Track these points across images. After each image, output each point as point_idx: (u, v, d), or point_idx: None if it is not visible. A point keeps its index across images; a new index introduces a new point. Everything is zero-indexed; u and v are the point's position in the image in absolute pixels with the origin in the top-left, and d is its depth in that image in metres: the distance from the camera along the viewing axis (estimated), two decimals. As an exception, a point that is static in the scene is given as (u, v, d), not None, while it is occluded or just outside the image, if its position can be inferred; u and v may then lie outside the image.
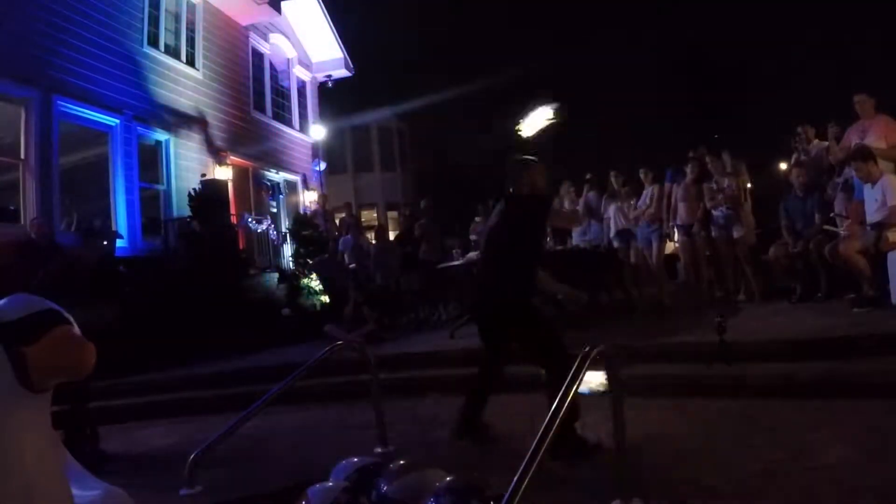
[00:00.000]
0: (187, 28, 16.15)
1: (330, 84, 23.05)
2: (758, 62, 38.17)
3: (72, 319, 2.23)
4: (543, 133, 6.34)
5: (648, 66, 39.69)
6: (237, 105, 17.86)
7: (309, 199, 21.01)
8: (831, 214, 9.34)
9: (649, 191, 11.71)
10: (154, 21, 14.98)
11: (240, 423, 5.24)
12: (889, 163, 8.66)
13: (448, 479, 3.83)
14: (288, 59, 21.21)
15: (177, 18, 15.93)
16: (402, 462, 4.27)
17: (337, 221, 19.55)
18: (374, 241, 16.33)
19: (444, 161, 34.92)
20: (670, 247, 12.96)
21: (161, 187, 15.02)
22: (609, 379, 4.09)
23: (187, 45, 16.12)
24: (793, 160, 10.75)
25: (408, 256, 14.32)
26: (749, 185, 11.22)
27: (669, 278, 12.28)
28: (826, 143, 10.32)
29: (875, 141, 8.82)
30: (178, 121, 15.33)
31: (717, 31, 37.54)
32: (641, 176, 12.04)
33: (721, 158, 11.00)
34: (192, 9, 16.37)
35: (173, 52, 15.63)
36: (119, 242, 12.69)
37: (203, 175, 15.37)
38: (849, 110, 9.46)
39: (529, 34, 45.74)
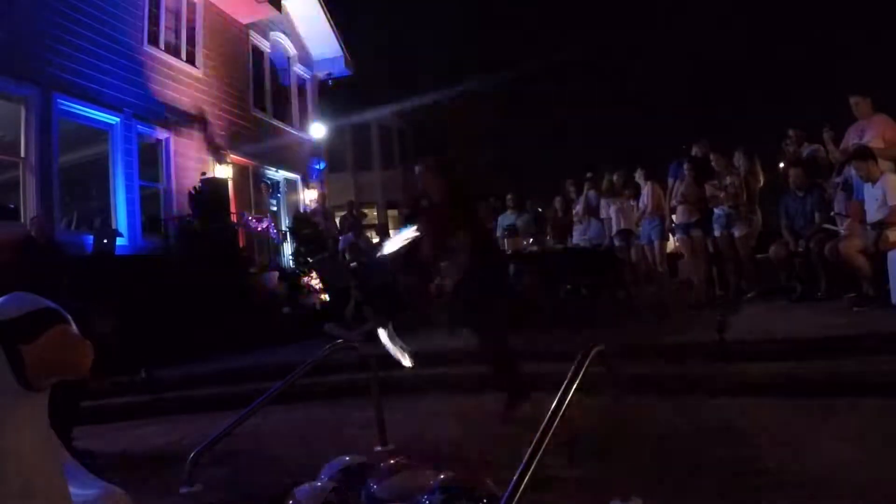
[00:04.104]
0: (187, 26, 16.10)
1: (330, 82, 23.00)
2: (761, 58, 38.11)
3: (70, 318, 2.22)
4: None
5: (648, 60, 39.64)
6: (237, 103, 17.80)
7: (309, 197, 20.92)
8: (831, 213, 9.34)
9: (647, 189, 11.74)
10: (154, 19, 14.93)
11: (240, 421, 5.19)
12: (889, 162, 8.66)
13: (439, 477, 3.81)
14: (288, 58, 21.16)
15: (177, 17, 15.88)
16: (392, 461, 4.27)
17: (337, 220, 19.57)
18: (375, 240, 16.37)
19: (444, 159, 34.86)
20: (671, 245, 12.99)
21: (161, 185, 14.94)
22: (609, 379, 4.08)
23: (187, 44, 16.06)
24: (785, 162, 10.77)
25: (409, 256, 14.25)
26: (761, 184, 11.17)
27: (670, 277, 12.29)
28: (817, 146, 10.35)
29: (873, 140, 8.82)
30: (179, 119, 15.26)
31: (719, 26, 37.39)
32: (637, 177, 12.10)
33: (725, 155, 10.98)
34: (192, 7, 16.33)
35: (173, 50, 15.59)
36: (119, 241, 12.66)
37: (203, 173, 15.30)
38: (848, 112, 9.46)
39: (530, 29, 45.72)
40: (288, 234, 18.15)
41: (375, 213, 31.14)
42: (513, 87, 37.31)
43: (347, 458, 4.39)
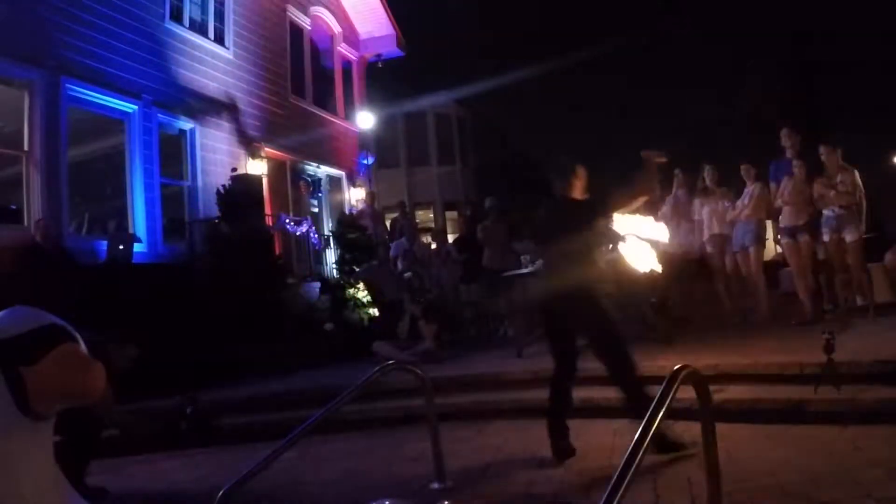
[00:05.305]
0: (215, 1, 16.19)
1: (380, 65, 23.15)
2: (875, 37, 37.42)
3: (78, 337, 2.24)
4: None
5: (746, 40, 39.25)
6: (273, 89, 17.90)
7: (355, 197, 21.03)
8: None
9: (750, 189, 11.62)
10: (177, -8, 15.03)
11: (276, 454, 5.17)
12: None
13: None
14: (331, 36, 21.29)
15: (203, -11, 15.99)
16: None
17: (388, 223, 19.55)
18: (431, 246, 16.30)
19: (511, 153, 34.78)
20: (770, 252, 12.82)
21: (185, 183, 15.10)
22: (699, 404, 4.09)
23: (215, 21, 16.17)
24: None
25: (469, 264, 14.23)
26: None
27: (770, 288, 12.12)
28: None
29: None
30: (205, 107, 15.37)
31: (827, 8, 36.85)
32: (743, 173, 11.93)
33: (836, 150, 10.82)
34: (220, -22, 16.41)
35: (199, 28, 15.70)
36: (137, 247, 12.71)
37: (234, 169, 15.41)
38: None
39: (611, 5, 45.54)
40: (331, 239, 18.19)
41: (431, 215, 31.17)
42: (589, 69, 37.12)
43: (388, 502, 4.32)
